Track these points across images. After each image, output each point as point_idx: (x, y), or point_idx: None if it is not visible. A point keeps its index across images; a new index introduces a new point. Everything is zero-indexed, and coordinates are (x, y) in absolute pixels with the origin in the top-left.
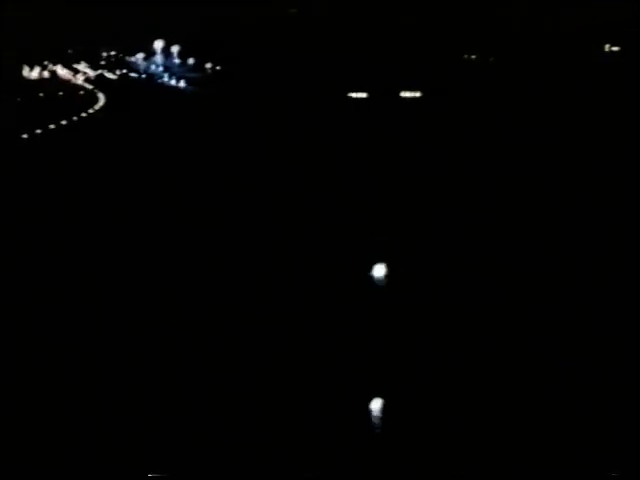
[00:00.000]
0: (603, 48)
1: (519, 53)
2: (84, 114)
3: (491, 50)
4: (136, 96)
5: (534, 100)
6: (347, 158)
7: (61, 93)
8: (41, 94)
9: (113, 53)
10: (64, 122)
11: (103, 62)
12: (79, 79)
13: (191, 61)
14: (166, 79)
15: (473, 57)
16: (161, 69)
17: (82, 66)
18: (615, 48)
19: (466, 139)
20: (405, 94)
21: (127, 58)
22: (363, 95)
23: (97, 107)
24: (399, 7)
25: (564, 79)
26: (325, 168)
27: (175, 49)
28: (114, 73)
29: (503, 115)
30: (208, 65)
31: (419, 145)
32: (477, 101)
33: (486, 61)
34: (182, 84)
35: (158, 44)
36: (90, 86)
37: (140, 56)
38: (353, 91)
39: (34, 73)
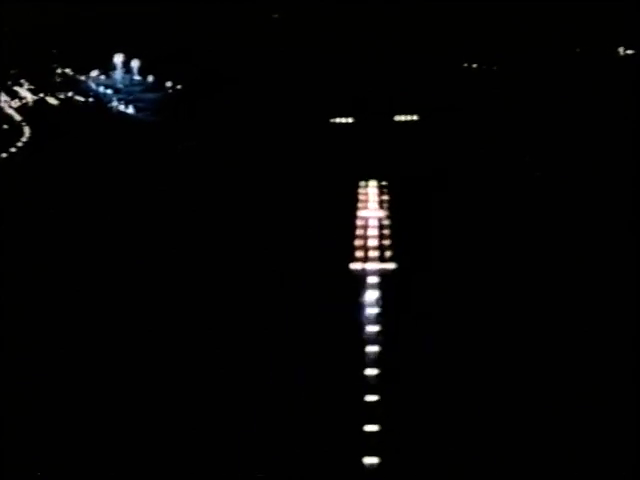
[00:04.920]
0: (617, 52)
1: (526, 59)
2: None
3: (494, 57)
4: (73, 128)
5: (545, 115)
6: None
7: None
8: None
9: (60, 71)
10: None
11: (49, 83)
12: (12, 106)
13: (150, 79)
14: (115, 103)
15: (474, 66)
16: (111, 90)
17: (23, 88)
18: (630, 51)
19: (474, 172)
20: (400, 117)
21: (78, 77)
22: (349, 120)
23: (14, 148)
24: (390, 11)
25: (577, 87)
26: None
27: (135, 64)
28: (57, 97)
29: (514, 135)
30: (169, 84)
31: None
32: (483, 121)
33: (489, 70)
34: (131, 110)
35: (117, 58)
36: (19, 117)
37: (94, 74)
38: (337, 115)
39: None
